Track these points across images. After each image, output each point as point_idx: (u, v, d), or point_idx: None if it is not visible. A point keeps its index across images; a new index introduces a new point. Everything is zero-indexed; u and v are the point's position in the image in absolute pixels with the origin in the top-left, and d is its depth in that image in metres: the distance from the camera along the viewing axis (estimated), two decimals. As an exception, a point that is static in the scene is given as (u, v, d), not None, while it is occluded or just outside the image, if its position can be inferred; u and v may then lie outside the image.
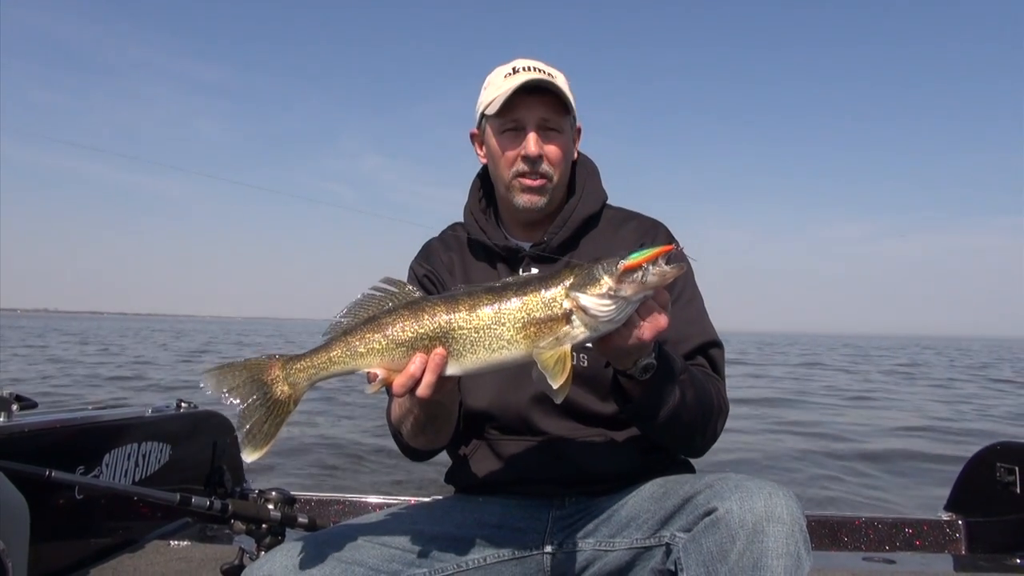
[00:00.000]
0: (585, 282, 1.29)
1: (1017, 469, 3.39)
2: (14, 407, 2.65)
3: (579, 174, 1.88)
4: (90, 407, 3.28)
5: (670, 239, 1.83)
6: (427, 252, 1.93)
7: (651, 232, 1.84)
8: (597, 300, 1.28)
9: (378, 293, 1.40)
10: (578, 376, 1.67)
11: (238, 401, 1.34)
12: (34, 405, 2.78)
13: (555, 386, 1.29)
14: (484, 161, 1.88)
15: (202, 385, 1.34)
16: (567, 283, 1.31)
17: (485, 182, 1.93)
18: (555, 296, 1.31)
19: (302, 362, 1.36)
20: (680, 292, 1.75)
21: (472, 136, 1.89)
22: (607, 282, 1.27)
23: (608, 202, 1.91)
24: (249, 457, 1.32)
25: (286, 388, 1.35)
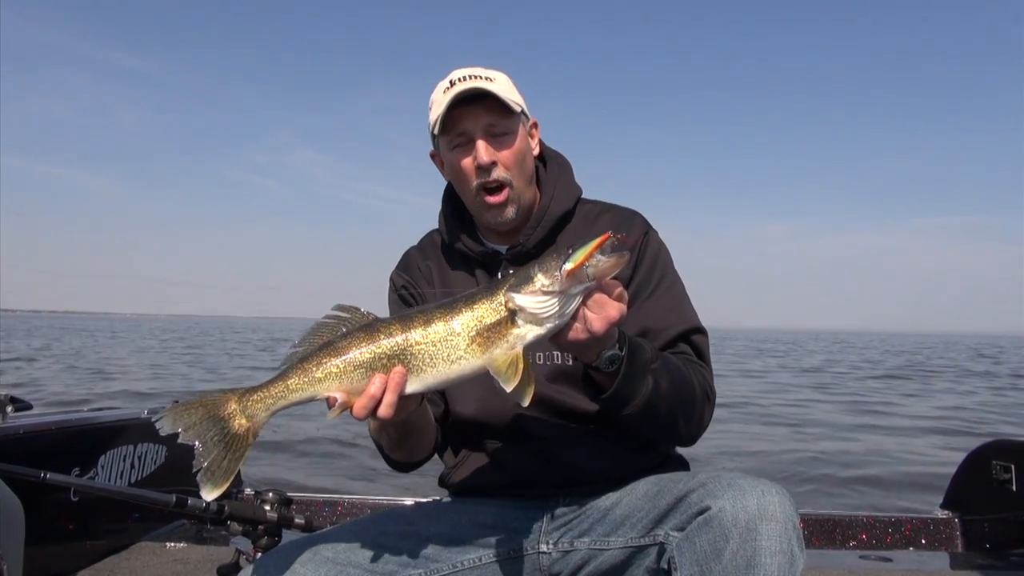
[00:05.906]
0: (520, 282, 1.32)
1: (1013, 467, 3.40)
2: (9, 408, 2.66)
3: (549, 171, 1.85)
4: (86, 408, 3.28)
5: (646, 228, 1.82)
6: (406, 262, 1.93)
7: (627, 222, 1.81)
8: (531, 298, 1.30)
9: (331, 320, 1.40)
10: (563, 374, 1.67)
11: (196, 440, 1.31)
12: (29, 407, 2.78)
13: (508, 389, 1.31)
14: (448, 179, 1.85)
15: (158, 426, 1.31)
16: (506, 286, 1.33)
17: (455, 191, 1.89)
18: (498, 301, 1.33)
19: (258, 393, 1.34)
20: (659, 280, 1.74)
21: (432, 156, 1.86)
22: (540, 279, 1.29)
23: (584, 195, 1.88)
24: (209, 495, 1.29)
25: (244, 421, 1.33)
